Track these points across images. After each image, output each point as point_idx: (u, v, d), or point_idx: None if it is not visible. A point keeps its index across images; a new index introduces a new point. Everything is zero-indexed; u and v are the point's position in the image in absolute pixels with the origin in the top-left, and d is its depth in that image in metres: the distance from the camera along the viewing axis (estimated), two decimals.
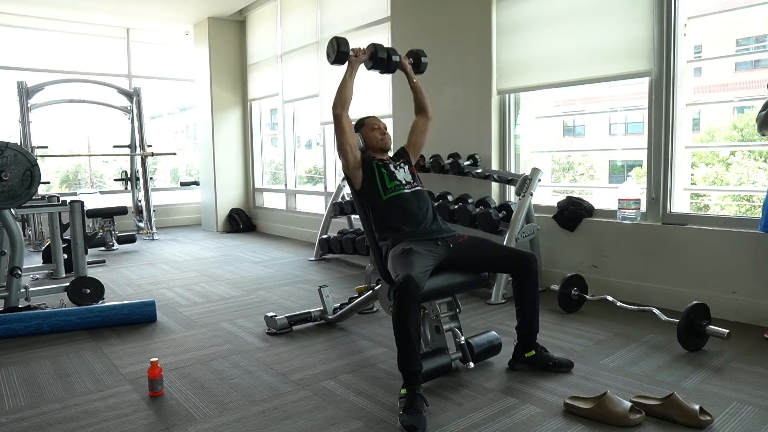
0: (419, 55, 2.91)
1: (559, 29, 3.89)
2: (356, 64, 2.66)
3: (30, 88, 6.34)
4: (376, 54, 2.71)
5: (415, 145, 2.88)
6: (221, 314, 3.61)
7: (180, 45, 8.49)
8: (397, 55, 2.81)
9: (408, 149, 2.87)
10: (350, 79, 2.62)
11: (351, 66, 2.64)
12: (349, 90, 2.59)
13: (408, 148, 2.88)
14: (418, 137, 2.89)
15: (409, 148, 2.87)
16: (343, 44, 2.61)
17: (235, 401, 2.28)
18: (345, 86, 2.59)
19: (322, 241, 5.48)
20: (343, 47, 2.61)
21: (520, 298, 2.51)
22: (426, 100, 2.90)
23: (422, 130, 2.89)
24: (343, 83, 2.60)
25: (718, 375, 2.43)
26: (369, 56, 2.71)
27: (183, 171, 10.39)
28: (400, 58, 2.82)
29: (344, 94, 2.59)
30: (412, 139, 2.89)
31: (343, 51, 2.61)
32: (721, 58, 6.65)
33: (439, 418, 2.09)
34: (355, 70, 2.65)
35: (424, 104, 2.89)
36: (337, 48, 2.60)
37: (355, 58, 2.65)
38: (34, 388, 2.46)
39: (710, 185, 9.77)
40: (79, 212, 4.00)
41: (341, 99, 2.58)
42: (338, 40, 2.62)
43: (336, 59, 2.63)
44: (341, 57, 2.62)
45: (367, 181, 2.63)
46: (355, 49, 2.66)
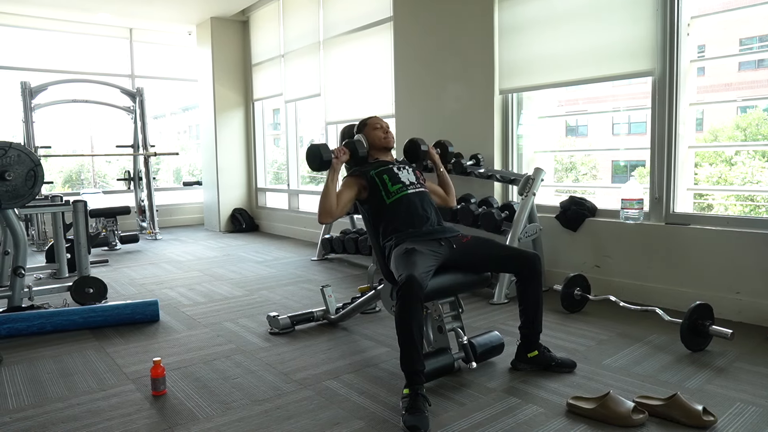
0: (446, 146, 3.07)
1: (561, 29, 3.88)
2: (339, 167, 2.64)
3: (33, 88, 6.35)
4: (356, 152, 2.71)
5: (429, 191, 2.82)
6: (224, 314, 3.61)
7: (183, 45, 8.50)
8: (426, 145, 2.92)
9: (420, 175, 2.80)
10: (332, 184, 2.57)
11: (334, 170, 2.61)
12: (332, 197, 2.54)
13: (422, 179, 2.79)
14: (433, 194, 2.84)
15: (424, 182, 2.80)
16: (325, 151, 2.60)
17: (237, 401, 2.28)
18: (328, 194, 2.54)
19: (325, 240, 5.48)
20: (326, 155, 2.59)
21: (523, 298, 2.51)
22: (452, 189, 2.97)
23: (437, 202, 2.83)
24: (326, 191, 2.55)
25: (722, 375, 2.42)
26: (349, 156, 2.69)
27: (186, 171, 10.41)
28: (428, 147, 2.93)
29: (328, 204, 2.54)
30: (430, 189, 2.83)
31: (326, 159, 2.59)
32: (725, 58, 6.62)
33: (441, 418, 2.09)
34: (337, 173, 2.63)
35: (449, 192, 2.96)
36: (320, 156, 2.59)
37: (336, 161, 2.62)
38: (37, 388, 2.47)
39: (714, 185, 9.74)
40: (82, 212, 4.01)
41: (326, 209, 2.54)
42: (319, 147, 2.60)
43: (320, 167, 2.62)
44: (325, 165, 2.61)
45: (371, 194, 2.64)
46: (335, 150, 2.64)
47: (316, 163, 2.62)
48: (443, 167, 2.98)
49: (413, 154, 2.92)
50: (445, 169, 2.99)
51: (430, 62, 4.81)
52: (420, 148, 2.89)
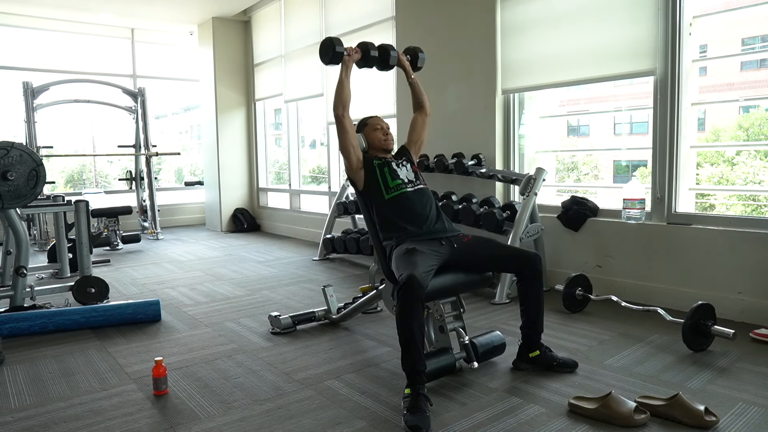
0: (416, 52, 2.95)
1: (564, 28, 3.88)
2: (350, 63, 2.66)
3: (35, 89, 6.36)
4: (368, 52, 2.73)
5: (416, 142, 2.88)
6: (225, 314, 3.62)
7: (184, 45, 8.51)
8: (395, 51, 2.84)
9: (409, 147, 2.87)
10: (346, 79, 2.62)
11: (345, 66, 2.65)
12: (347, 90, 2.60)
13: (408, 145, 2.88)
14: (418, 134, 2.89)
15: (410, 146, 2.87)
16: (338, 44, 2.63)
17: (239, 400, 2.29)
18: (343, 86, 2.60)
19: (326, 240, 5.48)
20: (338, 47, 2.62)
21: (524, 298, 2.51)
22: (424, 96, 2.91)
23: (421, 127, 2.89)
24: (340, 83, 2.61)
25: (724, 375, 2.42)
26: (361, 55, 2.72)
27: (187, 171, 10.41)
28: (398, 53, 2.86)
29: (343, 95, 2.59)
30: (412, 136, 2.90)
31: (338, 51, 2.62)
32: (727, 58, 6.61)
33: (443, 417, 2.08)
34: (349, 69, 2.65)
35: (422, 100, 2.91)
36: (332, 48, 2.61)
37: (348, 58, 2.65)
38: (39, 387, 2.47)
39: (716, 185, 9.73)
40: (84, 212, 4.02)
41: (341, 99, 2.59)
42: (332, 40, 2.63)
43: (331, 60, 2.65)
44: (336, 57, 2.63)
45: (369, 181, 2.63)
46: (348, 48, 2.67)
47: (329, 54, 2.63)
48: (414, 74, 2.91)
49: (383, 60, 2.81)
50: (416, 77, 2.91)
51: (431, 62, 4.76)
52: (390, 53, 2.82)
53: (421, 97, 2.91)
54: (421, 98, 2.91)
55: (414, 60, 2.94)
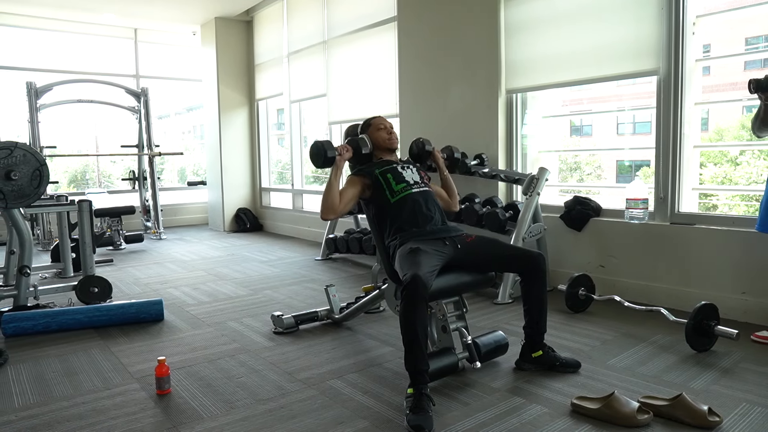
0: (453, 151, 3.11)
1: (567, 28, 3.88)
2: (342, 164, 2.64)
3: (39, 89, 6.38)
4: (359, 149, 2.72)
5: None
6: (228, 313, 3.62)
7: (187, 45, 8.52)
8: (431, 146, 2.93)
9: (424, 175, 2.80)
10: (336, 181, 2.58)
11: (337, 167, 2.61)
12: (335, 194, 2.54)
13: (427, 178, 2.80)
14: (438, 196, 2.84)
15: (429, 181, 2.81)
16: (329, 148, 2.61)
17: (241, 400, 2.29)
18: (331, 190, 2.54)
19: (329, 240, 5.48)
20: (330, 152, 2.60)
21: (527, 298, 2.51)
22: (455, 193, 2.97)
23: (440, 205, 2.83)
24: (329, 188, 2.55)
25: (727, 376, 2.41)
26: (352, 153, 2.70)
27: (190, 171, 10.42)
28: (433, 149, 2.94)
29: (331, 200, 2.54)
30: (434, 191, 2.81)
31: (330, 156, 2.60)
32: (730, 57, 6.58)
33: (445, 417, 2.08)
34: (340, 169, 2.63)
35: (452, 196, 2.96)
36: (324, 153, 2.60)
37: (339, 158, 2.62)
38: (42, 386, 2.48)
39: (719, 185, 9.70)
40: (87, 212, 4.02)
41: (329, 206, 2.54)
42: (323, 144, 2.61)
43: (324, 164, 2.63)
44: (328, 162, 2.61)
45: (375, 192, 2.64)
46: (338, 147, 2.64)
47: (320, 160, 2.62)
48: (446, 171, 2.99)
49: (418, 155, 2.94)
50: (448, 173, 3.00)
51: (434, 62, 4.80)
52: (425, 148, 2.90)
53: (451, 194, 2.95)
54: (450, 194, 2.95)
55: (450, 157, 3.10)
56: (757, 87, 2.61)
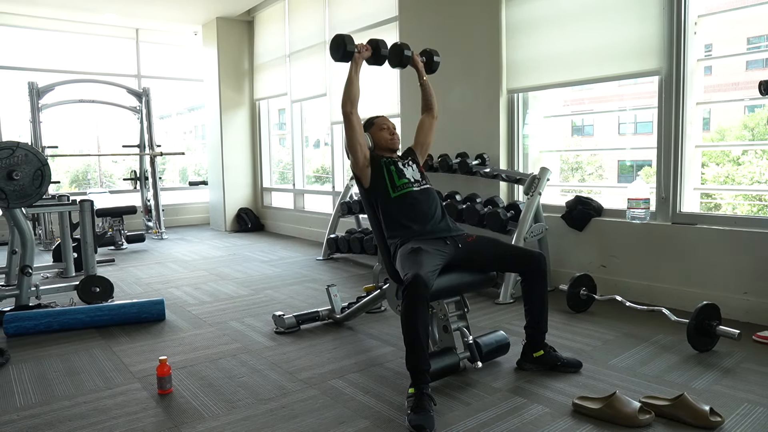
0: (432, 55, 2.94)
1: (568, 28, 3.87)
2: (360, 61, 2.66)
3: (40, 89, 6.39)
4: (378, 50, 2.72)
5: (422, 143, 2.89)
6: (229, 313, 3.62)
7: (189, 45, 8.53)
8: (410, 51, 2.82)
9: (415, 149, 2.87)
10: (356, 76, 2.62)
11: (356, 63, 2.64)
12: (356, 87, 2.60)
13: (415, 147, 2.88)
14: (425, 136, 2.89)
15: (416, 148, 2.88)
16: (350, 42, 2.62)
17: (243, 400, 2.29)
18: (352, 83, 2.60)
19: (330, 240, 5.49)
20: (350, 45, 2.61)
21: (528, 298, 2.51)
22: (434, 99, 2.91)
23: (429, 129, 2.90)
24: (349, 81, 2.61)
25: (729, 376, 2.41)
26: (372, 52, 2.71)
27: (192, 171, 10.43)
28: (412, 53, 2.84)
29: (352, 92, 2.59)
30: (419, 138, 2.90)
31: (349, 50, 2.61)
32: (732, 57, 6.58)
33: (447, 417, 2.08)
34: (359, 66, 2.65)
35: (432, 103, 2.91)
36: (344, 46, 2.61)
37: (358, 55, 2.64)
38: (44, 386, 2.48)
39: (721, 185, 9.69)
40: (88, 211, 4.03)
41: (350, 96, 2.59)
42: (344, 37, 2.62)
43: (342, 57, 2.64)
44: (347, 55, 2.63)
45: (375, 180, 2.63)
46: (359, 45, 2.66)
47: (340, 52, 2.62)
48: (426, 76, 2.90)
49: (396, 59, 2.81)
50: (428, 79, 2.90)
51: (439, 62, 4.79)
52: (404, 53, 2.80)
53: (431, 100, 2.91)
54: (430, 101, 2.91)
55: (429, 62, 2.93)
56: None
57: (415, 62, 2.86)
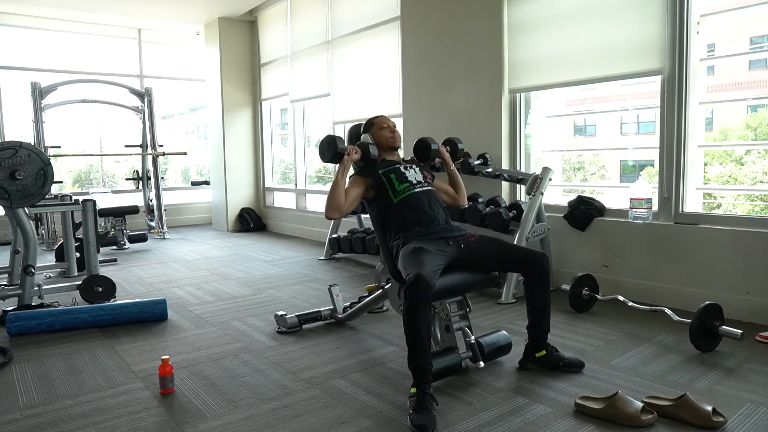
0: (456, 144, 2.99)
1: (570, 28, 3.87)
2: (348, 164, 2.63)
3: (43, 89, 6.39)
4: (368, 153, 2.71)
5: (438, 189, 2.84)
6: (232, 313, 3.62)
7: (191, 45, 8.53)
8: (436, 144, 2.86)
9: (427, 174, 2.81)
10: (342, 180, 2.57)
11: (344, 166, 2.60)
12: (341, 192, 2.54)
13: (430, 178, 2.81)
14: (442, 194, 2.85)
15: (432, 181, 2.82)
16: (340, 143, 2.61)
17: (245, 399, 2.29)
18: (338, 189, 2.54)
19: (332, 240, 5.49)
20: (341, 148, 2.60)
21: (531, 298, 2.50)
22: (461, 187, 2.94)
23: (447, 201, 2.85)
24: (335, 186, 2.55)
25: (732, 376, 2.40)
26: (360, 155, 2.69)
27: (194, 171, 10.45)
28: (438, 146, 2.88)
29: (336, 199, 2.54)
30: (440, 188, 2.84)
31: (339, 152, 2.60)
32: (735, 56, 6.56)
33: (449, 417, 2.08)
34: (347, 170, 2.62)
35: (459, 191, 2.93)
36: (334, 146, 2.60)
37: (347, 157, 2.62)
38: (46, 385, 2.48)
39: (723, 184, 9.67)
40: (91, 211, 4.04)
41: (334, 204, 2.54)
42: (334, 139, 2.61)
43: (332, 159, 2.63)
44: (337, 156, 2.61)
45: (377, 191, 2.64)
46: (348, 147, 2.64)
47: (329, 154, 2.63)
48: (453, 165, 2.95)
49: (423, 154, 2.88)
50: (455, 167, 2.96)
51: (437, 61, 4.80)
52: (430, 148, 2.84)
53: (458, 189, 2.92)
54: (457, 189, 2.92)
55: (454, 151, 2.98)
56: None
57: (441, 154, 2.89)
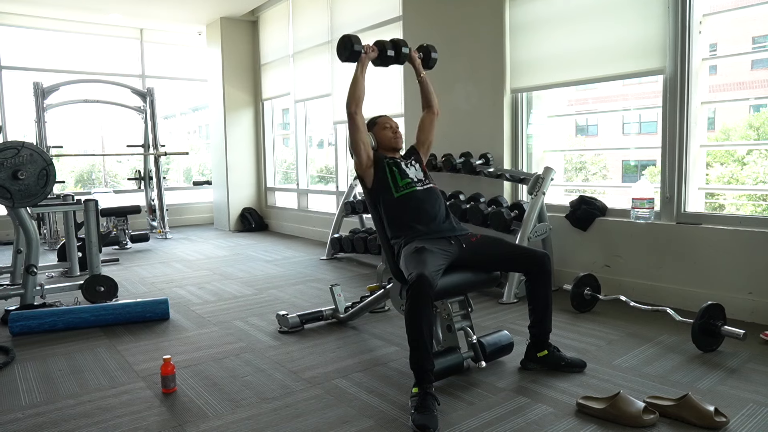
0: (429, 51, 2.91)
1: (572, 27, 3.86)
2: (366, 62, 2.66)
3: (46, 89, 6.41)
4: (384, 51, 2.73)
5: (424, 142, 2.88)
6: (233, 312, 3.63)
7: (193, 45, 8.55)
8: (407, 47, 2.81)
9: (417, 147, 2.87)
10: (362, 76, 2.62)
11: (362, 63, 2.64)
12: (361, 87, 2.60)
13: (417, 146, 2.87)
14: (427, 134, 2.88)
15: (419, 147, 2.87)
16: (356, 42, 2.63)
17: (247, 399, 2.29)
18: (357, 83, 2.60)
19: (334, 240, 5.49)
20: (357, 46, 2.62)
21: (532, 298, 2.50)
22: (433, 95, 2.89)
23: (429, 126, 2.88)
24: (355, 80, 2.61)
25: (734, 376, 2.40)
26: (378, 53, 2.72)
27: (196, 170, 10.46)
28: (410, 50, 2.82)
29: (357, 91, 2.60)
30: (420, 136, 2.89)
31: (356, 50, 2.62)
32: (737, 56, 6.54)
33: (450, 417, 2.08)
34: (365, 67, 2.65)
35: (431, 99, 2.89)
36: (351, 46, 2.61)
37: (365, 56, 2.65)
38: (49, 384, 2.49)
39: (725, 184, 9.65)
40: (93, 211, 4.04)
41: (355, 96, 2.59)
42: (351, 38, 2.63)
43: (348, 57, 2.64)
44: (354, 55, 2.63)
45: (378, 180, 2.63)
46: (365, 46, 2.67)
47: (346, 52, 2.63)
48: (424, 72, 2.88)
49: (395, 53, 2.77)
50: (425, 76, 2.88)
51: (439, 61, 4.74)
52: (401, 49, 2.77)
53: (430, 97, 2.89)
54: (429, 97, 2.89)
55: (426, 58, 2.90)
56: None
57: (412, 59, 2.84)
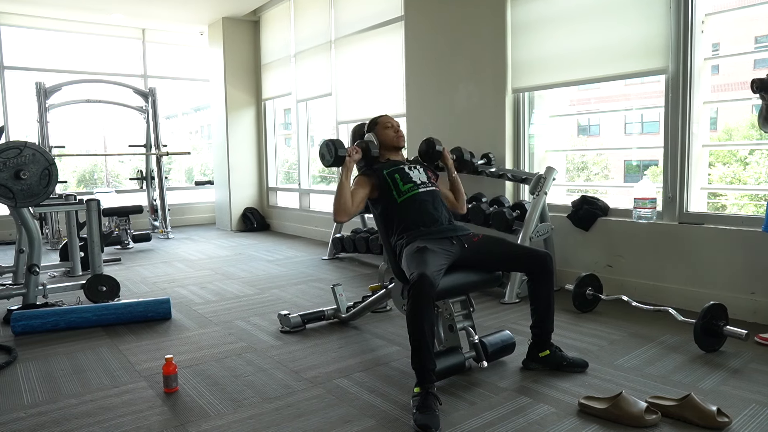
0: (462, 153, 3.00)
1: (574, 27, 3.86)
2: (351, 165, 2.61)
3: (48, 89, 6.42)
4: (368, 151, 2.71)
5: None
6: (235, 312, 3.63)
7: (195, 45, 8.55)
8: (441, 146, 2.87)
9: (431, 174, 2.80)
10: (346, 181, 2.56)
11: (347, 168, 2.59)
12: (347, 193, 2.51)
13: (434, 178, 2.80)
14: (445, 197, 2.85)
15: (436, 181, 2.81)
16: (340, 147, 2.60)
17: (248, 398, 2.29)
18: (343, 191, 2.51)
19: (336, 240, 5.49)
20: (341, 150, 2.59)
21: (534, 298, 2.50)
22: (462, 195, 2.93)
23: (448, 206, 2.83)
24: (340, 187, 2.50)
25: (736, 376, 2.39)
26: (362, 155, 2.69)
27: (197, 170, 10.47)
28: (443, 149, 2.88)
29: (343, 201, 2.50)
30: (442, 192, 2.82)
31: (341, 155, 2.59)
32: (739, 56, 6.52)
33: (452, 416, 2.08)
34: (350, 172, 2.60)
35: (460, 199, 2.93)
36: (335, 152, 2.59)
37: (349, 159, 2.60)
38: (51, 384, 2.49)
39: (728, 184, 9.63)
40: (95, 211, 4.04)
41: (342, 207, 2.50)
42: (334, 142, 2.60)
43: (333, 163, 2.61)
44: (339, 160, 2.60)
45: (382, 191, 2.64)
46: (349, 149, 2.63)
47: (330, 159, 2.62)
48: (455, 173, 2.95)
49: (428, 154, 2.88)
50: (457, 175, 2.96)
51: (441, 61, 4.80)
52: (435, 148, 2.85)
53: (459, 195, 2.92)
54: (458, 196, 2.92)
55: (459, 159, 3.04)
56: (760, 86, 2.62)
57: (444, 158, 2.89)
